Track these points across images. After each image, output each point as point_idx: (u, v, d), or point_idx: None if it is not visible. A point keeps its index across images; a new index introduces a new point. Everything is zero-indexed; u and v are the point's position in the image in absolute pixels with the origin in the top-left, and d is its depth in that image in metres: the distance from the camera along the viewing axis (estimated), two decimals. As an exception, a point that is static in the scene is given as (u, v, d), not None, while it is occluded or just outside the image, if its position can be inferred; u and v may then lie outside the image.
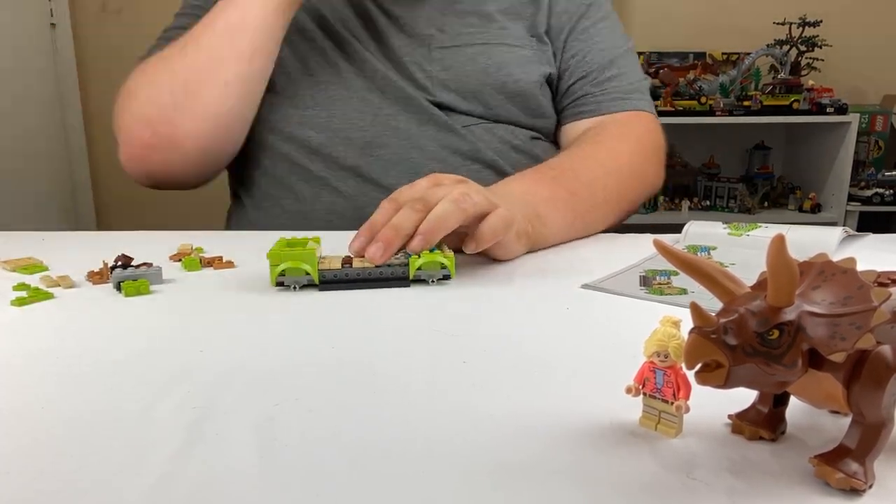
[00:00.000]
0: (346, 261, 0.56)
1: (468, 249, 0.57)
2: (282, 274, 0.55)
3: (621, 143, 0.83)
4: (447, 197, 0.56)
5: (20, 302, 0.53)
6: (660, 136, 0.88)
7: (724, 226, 0.71)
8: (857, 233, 0.71)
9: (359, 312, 0.51)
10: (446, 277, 0.57)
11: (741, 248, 0.67)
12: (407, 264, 0.56)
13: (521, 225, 0.62)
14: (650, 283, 0.57)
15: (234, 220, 0.92)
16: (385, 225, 0.56)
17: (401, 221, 0.56)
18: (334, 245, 0.62)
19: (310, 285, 0.56)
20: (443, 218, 0.55)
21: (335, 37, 0.85)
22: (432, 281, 0.57)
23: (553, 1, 0.89)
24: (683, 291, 0.54)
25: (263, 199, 0.87)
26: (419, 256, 0.56)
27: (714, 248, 0.68)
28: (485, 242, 0.57)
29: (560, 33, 0.89)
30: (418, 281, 0.57)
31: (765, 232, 0.68)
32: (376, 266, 0.56)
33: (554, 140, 0.93)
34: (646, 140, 0.86)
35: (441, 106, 0.84)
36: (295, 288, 0.56)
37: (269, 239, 0.60)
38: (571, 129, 0.88)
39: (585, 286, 0.56)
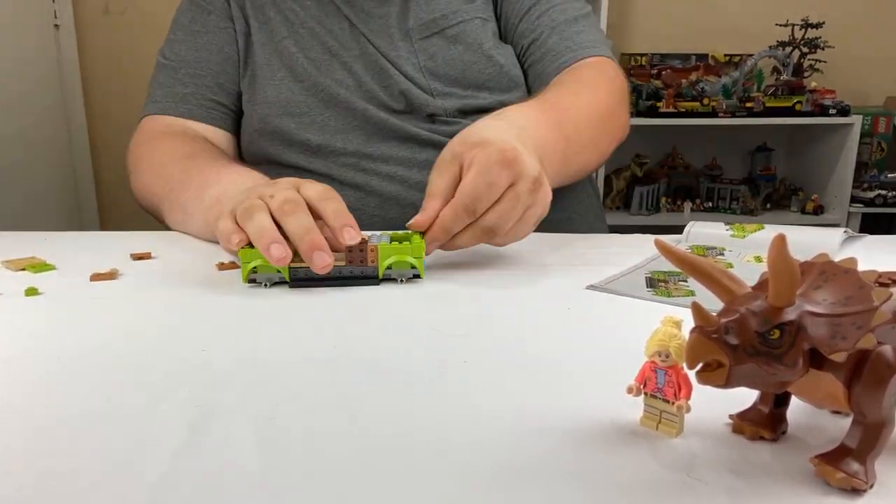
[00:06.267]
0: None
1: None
2: (254, 271, 0.56)
3: (600, 85, 0.83)
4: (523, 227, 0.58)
5: (32, 292, 0.55)
6: (622, 80, 0.89)
7: (727, 227, 0.71)
8: (855, 233, 0.71)
9: (359, 312, 0.51)
10: (416, 276, 0.57)
11: (747, 249, 0.67)
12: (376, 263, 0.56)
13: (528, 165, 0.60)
14: (656, 284, 0.57)
15: None
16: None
17: (461, 242, 0.57)
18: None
19: (281, 283, 0.57)
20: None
21: (318, 44, 0.87)
22: (402, 280, 0.57)
23: None
24: (691, 293, 0.54)
25: None
26: (392, 247, 0.56)
27: (724, 250, 0.67)
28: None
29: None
30: (388, 280, 0.57)
31: (767, 234, 0.68)
32: (346, 265, 0.56)
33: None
34: (617, 83, 0.87)
35: (434, 93, 0.86)
36: (266, 285, 0.56)
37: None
38: (546, 80, 0.89)
39: (591, 287, 0.56)
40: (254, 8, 0.89)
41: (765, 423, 0.32)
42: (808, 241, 0.65)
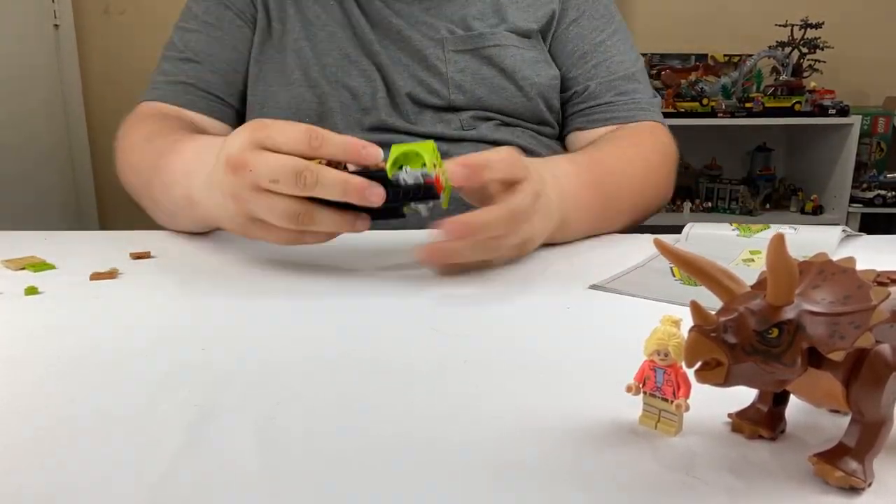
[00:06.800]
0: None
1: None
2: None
3: (645, 151, 0.84)
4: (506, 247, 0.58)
5: (31, 291, 0.55)
6: (675, 148, 0.90)
7: (733, 227, 0.71)
8: (854, 232, 0.71)
9: (359, 312, 0.51)
10: (433, 198, 0.54)
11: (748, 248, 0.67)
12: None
13: (536, 242, 0.64)
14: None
15: None
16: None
17: (461, 253, 0.56)
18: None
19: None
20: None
21: (335, 49, 0.86)
22: (425, 211, 0.55)
23: (563, 7, 0.91)
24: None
25: None
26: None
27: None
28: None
29: (572, 41, 0.90)
30: (405, 221, 0.57)
31: (772, 233, 0.68)
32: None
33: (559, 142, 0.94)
34: (663, 150, 0.87)
35: (455, 108, 0.86)
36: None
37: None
38: (589, 135, 0.89)
39: (594, 287, 0.56)
40: (277, 9, 0.88)
41: (763, 421, 0.32)
42: (807, 240, 0.65)
